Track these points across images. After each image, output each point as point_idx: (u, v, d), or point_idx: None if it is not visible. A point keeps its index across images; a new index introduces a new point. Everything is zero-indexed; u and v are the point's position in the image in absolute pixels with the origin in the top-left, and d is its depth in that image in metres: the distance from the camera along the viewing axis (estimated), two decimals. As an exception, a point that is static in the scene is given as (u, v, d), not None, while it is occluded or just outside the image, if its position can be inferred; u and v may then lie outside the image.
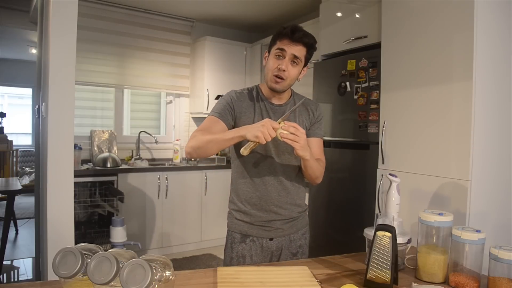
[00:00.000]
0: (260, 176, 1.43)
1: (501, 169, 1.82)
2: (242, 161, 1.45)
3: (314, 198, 2.80)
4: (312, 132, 1.50)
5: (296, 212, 1.49)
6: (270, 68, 1.38)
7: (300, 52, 1.35)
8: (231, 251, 1.49)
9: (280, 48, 1.34)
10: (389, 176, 1.36)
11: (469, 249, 1.13)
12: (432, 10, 1.89)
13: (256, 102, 1.45)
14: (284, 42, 1.34)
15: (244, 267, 1.30)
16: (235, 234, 1.49)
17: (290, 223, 1.48)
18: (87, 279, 0.85)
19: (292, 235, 1.49)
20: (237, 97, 1.45)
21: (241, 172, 1.47)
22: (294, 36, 1.33)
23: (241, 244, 1.47)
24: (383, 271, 1.12)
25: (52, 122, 1.97)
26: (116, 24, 3.89)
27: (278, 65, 1.35)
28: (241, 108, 1.43)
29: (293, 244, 1.49)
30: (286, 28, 1.35)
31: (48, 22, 2.07)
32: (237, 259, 1.47)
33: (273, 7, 3.82)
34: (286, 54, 1.34)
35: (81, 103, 3.87)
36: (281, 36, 1.35)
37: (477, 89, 1.70)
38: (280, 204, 1.45)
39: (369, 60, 2.37)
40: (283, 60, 1.35)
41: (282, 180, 1.45)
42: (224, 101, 1.43)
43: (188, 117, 4.49)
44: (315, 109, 1.52)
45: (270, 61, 1.38)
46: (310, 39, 1.37)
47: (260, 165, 1.44)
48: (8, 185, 3.23)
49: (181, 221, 3.83)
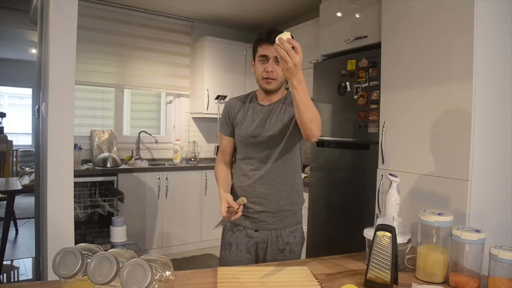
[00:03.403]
0: (248, 169, 1.52)
1: (501, 169, 1.82)
2: (237, 156, 1.59)
3: (314, 198, 2.80)
4: None
5: (283, 206, 1.52)
6: (259, 74, 1.48)
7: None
8: (223, 238, 1.60)
9: (262, 55, 1.45)
10: (389, 176, 1.36)
11: (469, 249, 1.13)
12: (432, 10, 1.89)
13: (249, 104, 1.57)
14: (264, 47, 1.45)
15: (244, 267, 1.31)
16: (227, 223, 1.58)
17: (276, 218, 1.52)
18: (87, 279, 0.86)
19: (279, 231, 1.52)
20: (231, 105, 1.60)
21: (236, 166, 1.60)
22: (271, 38, 1.40)
23: (229, 232, 1.57)
24: (383, 271, 1.12)
25: (52, 122, 1.97)
26: (116, 24, 3.89)
27: (265, 69, 1.45)
28: (235, 112, 1.58)
29: (280, 240, 1.52)
30: (262, 34, 1.46)
31: (48, 22, 2.07)
32: (225, 245, 1.57)
33: (273, 7, 3.82)
34: (269, 58, 1.44)
35: (81, 103, 3.87)
36: (260, 42, 1.46)
37: (477, 89, 1.70)
38: (264, 196, 1.50)
39: (369, 60, 2.37)
40: (268, 63, 1.45)
41: (271, 174, 1.50)
42: (223, 115, 1.62)
43: (188, 117, 4.49)
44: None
45: (257, 68, 1.49)
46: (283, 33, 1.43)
47: (251, 159, 1.52)
48: (8, 185, 3.23)
49: (181, 221, 3.83)
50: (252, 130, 1.50)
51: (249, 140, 1.51)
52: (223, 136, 1.62)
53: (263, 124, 1.49)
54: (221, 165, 1.62)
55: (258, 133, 1.49)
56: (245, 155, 1.54)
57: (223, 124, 1.61)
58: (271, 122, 1.49)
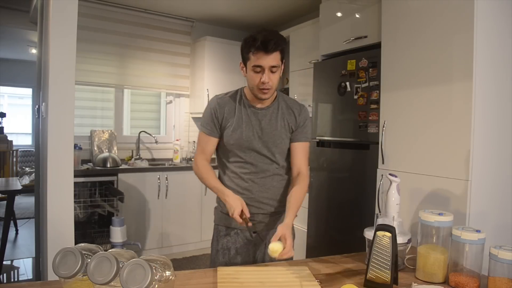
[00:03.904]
0: (243, 172, 1.48)
1: (501, 169, 1.82)
2: (227, 158, 1.51)
3: (314, 198, 2.80)
4: (296, 137, 1.51)
5: (278, 207, 1.52)
6: (253, 84, 1.39)
7: (275, 59, 1.36)
8: (217, 244, 1.54)
9: (257, 65, 1.34)
10: (389, 176, 1.36)
11: (469, 249, 1.13)
12: (432, 10, 1.89)
13: (239, 105, 1.48)
14: (258, 56, 1.33)
15: (244, 267, 1.31)
16: (220, 227, 1.54)
17: (273, 217, 1.52)
18: (87, 279, 0.86)
19: (274, 230, 1.48)
20: (219, 104, 1.47)
21: (227, 168, 1.52)
22: (268, 49, 1.31)
23: (226, 237, 1.52)
24: (383, 271, 1.12)
25: (52, 122, 1.97)
26: (116, 24, 3.89)
27: (260, 80, 1.36)
28: (224, 113, 1.46)
29: None
30: (256, 40, 1.32)
31: (48, 22, 2.07)
32: (222, 251, 1.51)
33: (273, 7, 3.82)
34: (265, 68, 1.35)
35: (81, 103, 3.86)
36: (253, 50, 1.33)
37: (477, 89, 1.70)
38: (261, 199, 1.49)
39: (369, 60, 2.37)
40: (263, 74, 1.35)
41: (264, 177, 1.48)
42: (208, 113, 1.48)
43: (188, 117, 4.49)
44: (299, 113, 1.51)
45: (251, 76, 1.38)
46: (282, 43, 1.35)
47: (246, 163, 1.48)
48: (8, 185, 3.23)
49: (181, 221, 3.83)
50: (247, 135, 1.45)
51: (243, 144, 1.45)
52: (208, 137, 1.49)
53: (258, 129, 1.46)
54: (204, 161, 1.51)
55: (254, 138, 1.45)
56: (239, 158, 1.48)
57: (207, 123, 1.48)
58: (266, 127, 1.46)
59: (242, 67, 1.43)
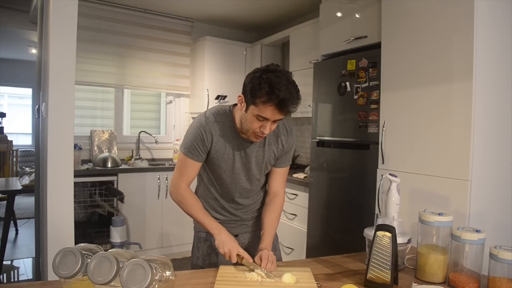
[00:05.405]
0: (225, 187, 1.45)
1: (501, 169, 1.82)
2: (209, 171, 1.45)
3: (314, 198, 2.80)
4: (280, 164, 1.48)
5: (256, 212, 1.55)
6: (250, 128, 1.27)
7: (283, 115, 1.25)
8: (197, 250, 1.52)
9: (263, 117, 1.22)
10: (389, 176, 1.36)
11: (469, 249, 1.13)
12: (432, 10, 1.89)
13: (230, 133, 1.37)
14: (270, 110, 1.20)
15: (244, 267, 1.30)
16: (200, 234, 1.53)
17: (253, 220, 1.55)
18: (87, 279, 0.86)
19: (257, 231, 1.50)
20: (212, 130, 1.35)
21: (207, 180, 1.48)
22: (283, 110, 1.20)
23: (206, 242, 1.50)
24: (383, 271, 1.12)
25: (52, 122, 1.97)
26: (116, 24, 3.89)
27: (260, 128, 1.26)
28: (213, 138, 1.35)
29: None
30: (275, 95, 1.16)
31: (48, 22, 2.07)
32: (202, 257, 1.49)
33: (273, 7, 3.82)
34: (269, 120, 1.24)
35: (81, 103, 3.86)
36: (265, 101, 1.19)
37: (477, 89, 1.70)
38: (244, 207, 1.51)
39: (369, 60, 2.37)
40: (266, 123, 1.25)
41: (250, 192, 1.49)
42: (198, 138, 1.34)
43: (188, 117, 4.49)
44: (286, 140, 1.45)
45: (249, 119, 1.26)
46: (299, 103, 1.23)
47: (226, 176, 1.43)
48: (8, 185, 3.24)
49: (181, 221, 3.81)
50: (233, 166, 1.40)
51: (229, 171, 1.40)
52: (193, 162, 1.36)
53: (246, 162, 1.41)
54: (189, 190, 1.41)
55: (241, 171, 1.42)
56: (219, 180, 1.44)
57: (194, 149, 1.34)
58: (253, 160, 1.41)
59: (241, 102, 1.27)
